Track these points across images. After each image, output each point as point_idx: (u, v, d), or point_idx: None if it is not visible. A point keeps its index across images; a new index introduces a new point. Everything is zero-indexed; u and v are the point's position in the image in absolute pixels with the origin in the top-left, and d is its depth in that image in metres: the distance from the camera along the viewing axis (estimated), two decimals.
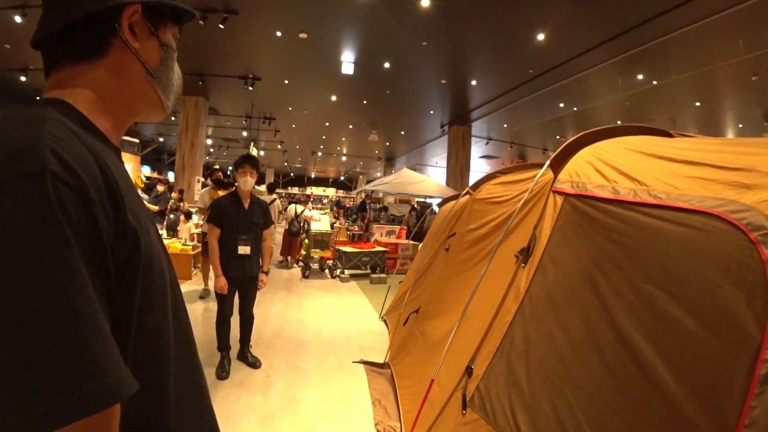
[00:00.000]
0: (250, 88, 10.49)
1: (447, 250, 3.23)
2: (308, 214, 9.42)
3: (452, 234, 3.30)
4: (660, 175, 1.46)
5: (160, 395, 0.63)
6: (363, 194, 15.56)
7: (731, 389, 1.01)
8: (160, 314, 0.64)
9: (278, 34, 7.75)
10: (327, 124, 15.76)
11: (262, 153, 22.91)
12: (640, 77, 8.60)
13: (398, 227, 10.60)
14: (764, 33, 6.09)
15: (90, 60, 0.64)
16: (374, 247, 8.76)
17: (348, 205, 24.05)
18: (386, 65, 8.97)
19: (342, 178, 35.96)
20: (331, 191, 35.74)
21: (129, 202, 0.58)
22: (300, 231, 9.18)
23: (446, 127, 13.79)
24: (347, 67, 8.95)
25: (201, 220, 8.18)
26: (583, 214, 1.65)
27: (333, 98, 11.88)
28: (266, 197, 8.52)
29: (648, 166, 1.55)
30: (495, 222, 2.50)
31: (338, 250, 8.49)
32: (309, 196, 15.90)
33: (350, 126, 15.74)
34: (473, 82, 9.82)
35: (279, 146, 20.52)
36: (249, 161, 3.59)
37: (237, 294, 3.72)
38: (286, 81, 10.58)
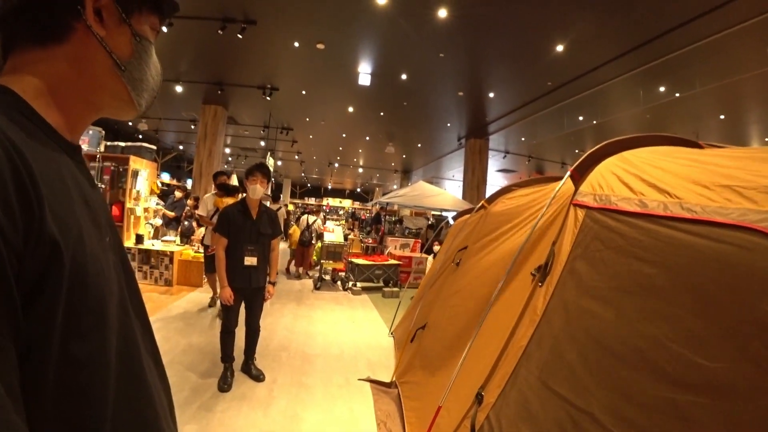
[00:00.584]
0: (268, 98, 10.53)
1: (457, 265, 3.08)
2: (320, 225, 9.46)
3: (464, 248, 3.15)
4: (693, 187, 1.31)
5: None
6: (378, 206, 15.47)
7: None
8: (96, 342, 0.53)
9: (296, 45, 7.77)
10: (344, 136, 15.76)
11: (280, 163, 23.09)
12: (662, 89, 8.33)
13: (413, 240, 10.44)
14: None
15: (46, 45, 0.56)
16: (388, 260, 8.62)
17: (363, 217, 23.98)
18: (403, 77, 8.91)
19: (358, 190, 36.00)
20: (348, 202, 35.77)
21: (55, 206, 0.48)
22: (311, 241, 9.22)
23: (463, 140, 13.65)
24: (364, 79, 8.92)
25: (198, 228, 8.09)
26: (607, 229, 1.50)
27: (350, 109, 11.88)
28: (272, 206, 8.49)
29: (679, 177, 1.40)
30: (509, 236, 2.35)
31: (351, 262, 8.39)
32: (321, 207, 15.91)
33: (367, 138, 15.72)
34: (491, 95, 9.69)
35: (296, 157, 20.62)
36: (261, 169, 3.51)
37: (243, 305, 3.63)
38: (304, 91, 10.61)
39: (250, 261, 3.42)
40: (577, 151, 14.37)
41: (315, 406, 3.26)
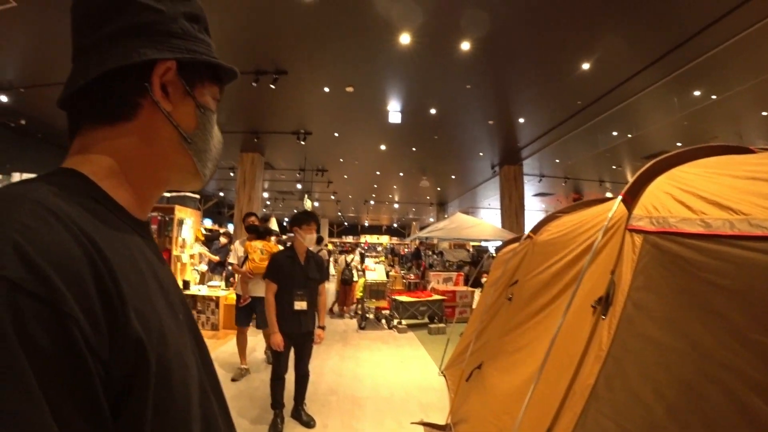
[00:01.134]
0: (302, 143, 10.88)
1: (510, 300, 2.97)
2: (358, 262, 9.61)
3: (514, 282, 3.05)
4: (757, 200, 1.21)
5: None
6: (417, 241, 15.39)
7: None
8: None
9: (326, 90, 8.05)
10: (378, 173, 15.98)
11: (316, 204, 23.55)
12: (697, 94, 7.99)
13: (455, 274, 10.25)
14: None
15: (115, 124, 0.55)
16: (431, 296, 8.48)
17: (402, 252, 23.87)
18: (432, 111, 9.03)
19: (395, 225, 36.08)
20: (385, 238, 35.83)
21: (136, 302, 0.46)
22: (352, 279, 9.37)
23: (497, 168, 13.54)
24: (394, 116, 9.09)
25: (221, 280, 8.13)
26: (669, 254, 1.41)
27: (382, 147, 12.08)
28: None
29: (739, 190, 1.30)
30: (560, 267, 2.25)
31: (394, 300, 8.29)
32: (358, 245, 16.03)
33: (401, 173, 15.86)
34: (521, 120, 9.63)
35: (332, 197, 21.00)
36: (315, 218, 3.70)
37: (292, 350, 3.63)
38: (336, 134, 10.90)
39: (300, 306, 3.47)
40: (615, 167, 13.95)
41: None
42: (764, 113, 9.35)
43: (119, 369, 0.42)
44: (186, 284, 7.40)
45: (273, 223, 15.96)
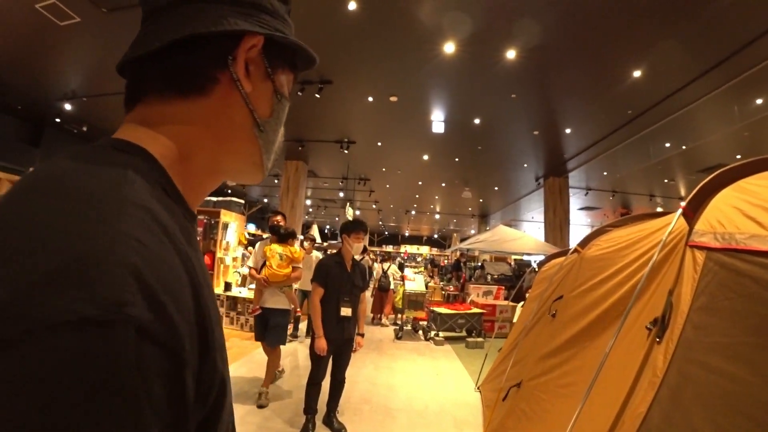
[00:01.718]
0: (346, 151, 11.00)
1: (553, 316, 2.82)
2: (396, 270, 9.69)
3: (559, 297, 2.90)
4: None
5: None
6: (458, 253, 15.16)
7: None
8: None
9: (370, 99, 8.11)
10: (420, 183, 15.92)
11: (358, 212, 23.73)
12: (760, 101, 7.39)
13: (496, 287, 10.00)
14: None
15: (188, 96, 0.48)
16: (470, 309, 8.28)
17: (442, 264, 23.59)
18: (476, 121, 8.89)
19: (435, 236, 35.76)
20: (425, 249, 35.57)
21: (216, 330, 0.40)
22: (389, 287, 9.54)
23: (541, 180, 13.15)
24: (438, 126, 9.03)
25: (239, 284, 8.00)
26: (736, 274, 1.28)
27: (425, 157, 12.02)
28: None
29: None
30: (612, 284, 2.11)
31: (432, 311, 8.16)
32: (398, 254, 16.02)
33: (443, 184, 15.73)
34: (567, 131, 9.30)
35: (374, 206, 21.10)
36: (363, 227, 3.69)
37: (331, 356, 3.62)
38: (380, 143, 10.95)
39: (346, 312, 3.49)
40: (666, 181, 13.21)
41: None
42: None
43: (200, 412, 0.37)
44: (228, 286, 7.60)
45: (314, 231, 16.22)
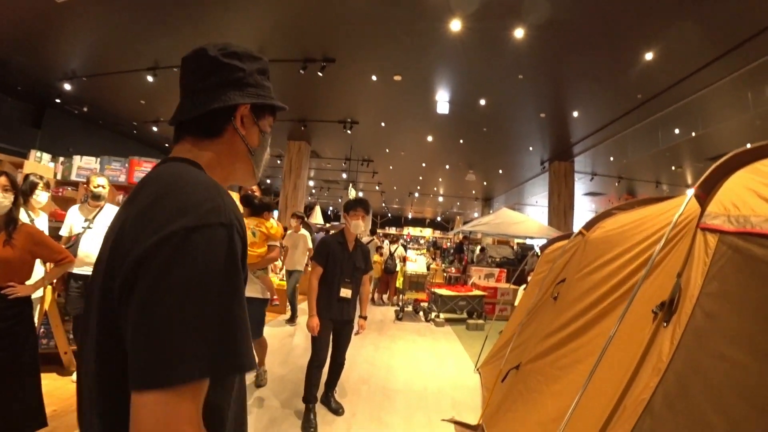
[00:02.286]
0: (349, 132, 10.87)
1: (555, 299, 2.77)
2: (402, 252, 9.63)
3: (561, 280, 2.84)
4: None
5: (227, 394, 0.78)
6: (461, 235, 15.11)
7: None
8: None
9: (374, 78, 7.96)
10: (423, 165, 15.79)
11: (361, 194, 23.64)
12: None
13: (497, 270, 9.97)
14: None
15: (211, 138, 0.87)
16: (472, 291, 8.27)
17: (445, 246, 23.56)
18: (482, 102, 8.74)
19: (439, 219, 35.68)
20: (428, 231, 35.53)
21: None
22: (395, 268, 9.53)
23: (547, 164, 13.00)
24: (442, 107, 8.88)
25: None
26: (751, 259, 1.21)
27: (429, 139, 11.88)
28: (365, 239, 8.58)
29: None
30: (617, 265, 2.04)
31: (434, 293, 8.16)
32: (401, 236, 15.99)
33: (447, 166, 15.60)
34: (575, 114, 9.13)
35: (377, 187, 20.99)
36: (362, 205, 3.50)
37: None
38: (383, 123, 10.80)
39: (345, 293, 3.38)
40: (674, 168, 13.01)
41: None
42: None
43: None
44: None
45: (317, 212, 16.14)
